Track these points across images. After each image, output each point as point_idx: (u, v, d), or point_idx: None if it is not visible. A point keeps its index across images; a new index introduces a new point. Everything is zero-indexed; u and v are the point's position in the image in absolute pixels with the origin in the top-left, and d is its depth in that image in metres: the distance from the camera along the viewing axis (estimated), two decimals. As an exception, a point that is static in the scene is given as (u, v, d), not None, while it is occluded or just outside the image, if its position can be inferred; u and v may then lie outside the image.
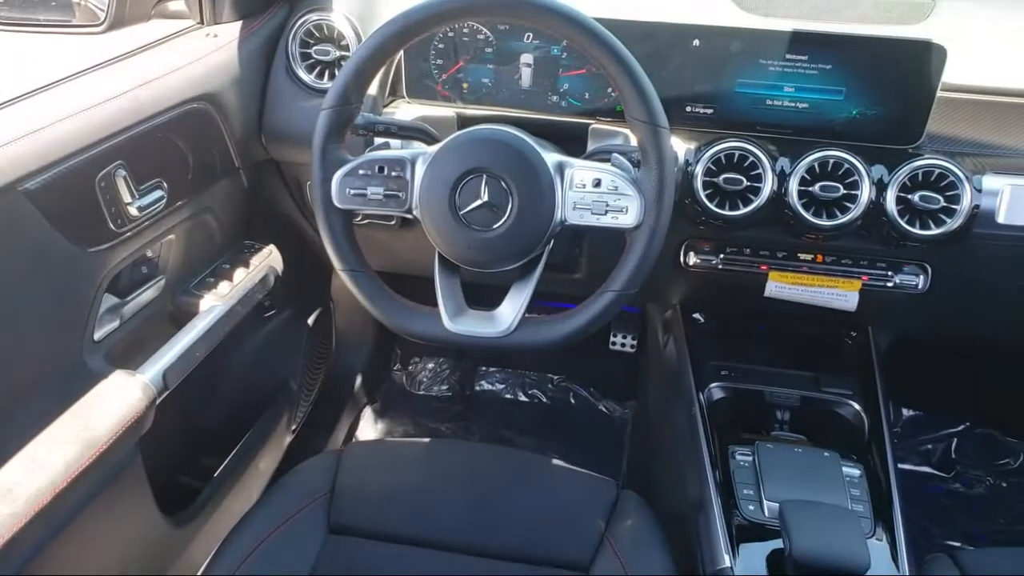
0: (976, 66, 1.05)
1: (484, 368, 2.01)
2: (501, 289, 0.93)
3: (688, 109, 1.05)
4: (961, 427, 1.77)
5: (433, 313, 0.91)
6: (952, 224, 0.97)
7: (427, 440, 1.19)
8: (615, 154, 0.91)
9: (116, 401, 0.92)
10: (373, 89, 1.10)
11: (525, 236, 0.87)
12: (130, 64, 1.02)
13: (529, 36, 1.08)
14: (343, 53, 1.14)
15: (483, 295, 0.98)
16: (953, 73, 0.99)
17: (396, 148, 0.97)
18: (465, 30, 1.09)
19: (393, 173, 0.89)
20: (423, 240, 0.91)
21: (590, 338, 0.93)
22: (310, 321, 1.60)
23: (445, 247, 0.89)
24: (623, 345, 1.76)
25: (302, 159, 1.18)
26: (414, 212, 0.89)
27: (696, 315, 1.31)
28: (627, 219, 0.85)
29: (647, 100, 0.84)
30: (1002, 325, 1.30)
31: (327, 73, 1.16)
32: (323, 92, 1.02)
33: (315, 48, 1.14)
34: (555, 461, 1.14)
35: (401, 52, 1.10)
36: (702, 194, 1.01)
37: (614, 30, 0.84)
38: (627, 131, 1.02)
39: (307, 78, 1.15)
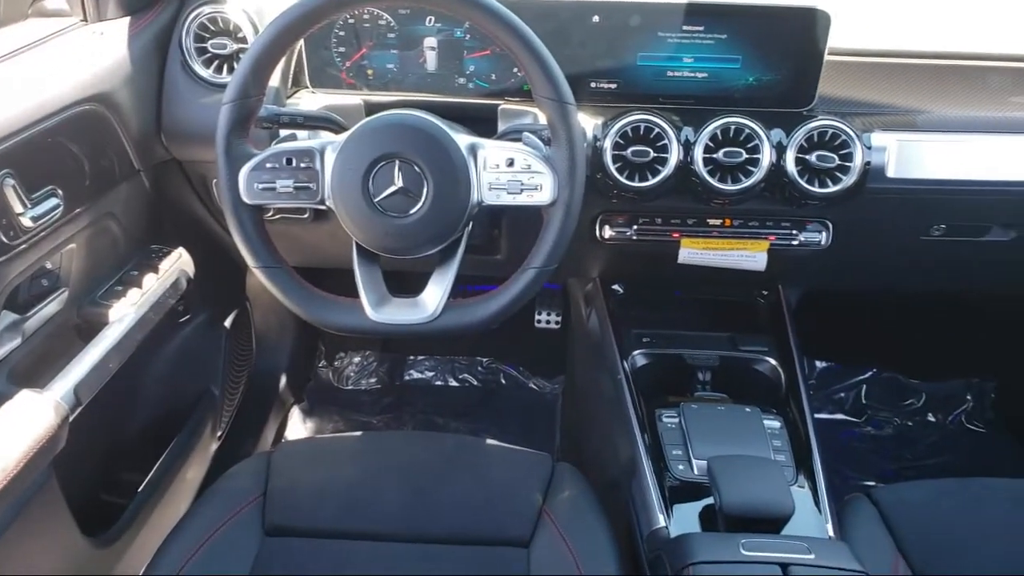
0: (861, 30, 1.10)
1: (412, 357, 2.00)
2: (423, 275, 0.93)
3: (593, 85, 1.07)
4: (869, 374, 1.88)
5: (355, 304, 0.90)
6: (847, 181, 1.02)
7: (359, 434, 1.18)
8: (525, 133, 0.92)
9: (24, 423, 0.88)
10: (275, 80, 1.08)
11: (443, 220, 0.87)
12: (10, 66, 0.96)
13: (431, 20, 1.07)
14: (241, 46, 1.11)
15: (405, 282, 0.98)
16: (840, 37, 1.04)
17: (303, 139, 0.95)
18: (366, 16, 1.07)
19: (302, 164, 0.87)
20: (339, 231, 0.90)
21: (516, 318, 0.94)
22: (228, 323, 1.55)
23: (362, 236, 0.88)
24: (548, 322, 1.78)
25: (206, 157, 1.14)
26: (327, 203, 0.88)
27: (616, 286, 1.33)
28: (542, 196, 0.86)
29: (553, 78, 0.85)
30: (898, 273, 1.39)
31: (225, 67, 1.12)
32: (223, 87, 0.99)
33: (211, 42, 1.11)
34: (489, 441, 1.15)
35: (302, 41, 1.08)
36: (612, 168, 1.03)
37: (515, 9, 0.84)
38: (536, 110, 1.03)
39: (205, 73, 1.12)
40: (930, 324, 1.79)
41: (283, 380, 1.80)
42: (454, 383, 1.97)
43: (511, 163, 0.86)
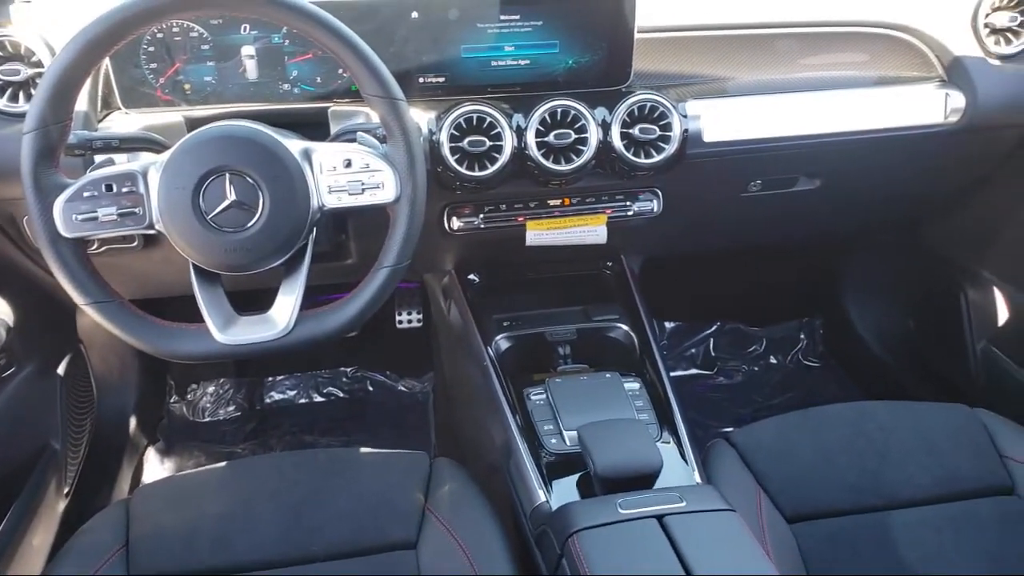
0: (664, 7, 1.17)
1: (271, 378, 1.93)
2: (271, 291, 0.90)
3: (421, 80, 1.07)
4: (714, 327, 2.02)
5: (200, 329, 0.86)
6: (669, 149, 1.08)
7: (222, 465, 1.12)
8: (359, 133, 0.91)
9: None
10: (83, 104, 1.00)
11: (284, 229, 0.84)
12: None
13: (246, 27, 1.03)
14: (37, 70, 1.02)
15: (253, 300, 0.94)
16: (647, 16, 1.10)
17: (123, 163, 0.89)
18: (175, 29, 1.02)
19: (124, 189, 0.82)
20: (173, 254, 0.85)
21: (375, 321, 0.93)
22: (61, 370, 1.43)
23: (199, 256, 0.84)
24: (409, 321, 1.77)
25: (11, 193, 1.04)
26: (156, 226, 0.83)
27: (472, 276, 1.35)
28: (385, 194, 0.86)
29: (379, 75, 0.84)
30: (726, 231, 1.50)
31: (22, 94, 1.03)
32: (21, 116, 0.92)
33: (1, 68, 1.01)
34: (363, 450, 1.14)
35: (107, 60, 1.01)
36: (451, 160, 1.04)
37: (332, 11, 0.83)
38: (367, 109, 1.02)
39: None
40: (761, 275, 1.94)
41: (132, 422, 1.68)
42: (320, 398, 1.92)
43: (348, 164, 0.85)
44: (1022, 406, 1.37)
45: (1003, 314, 1.48)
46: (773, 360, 2.01)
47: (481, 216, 1.19)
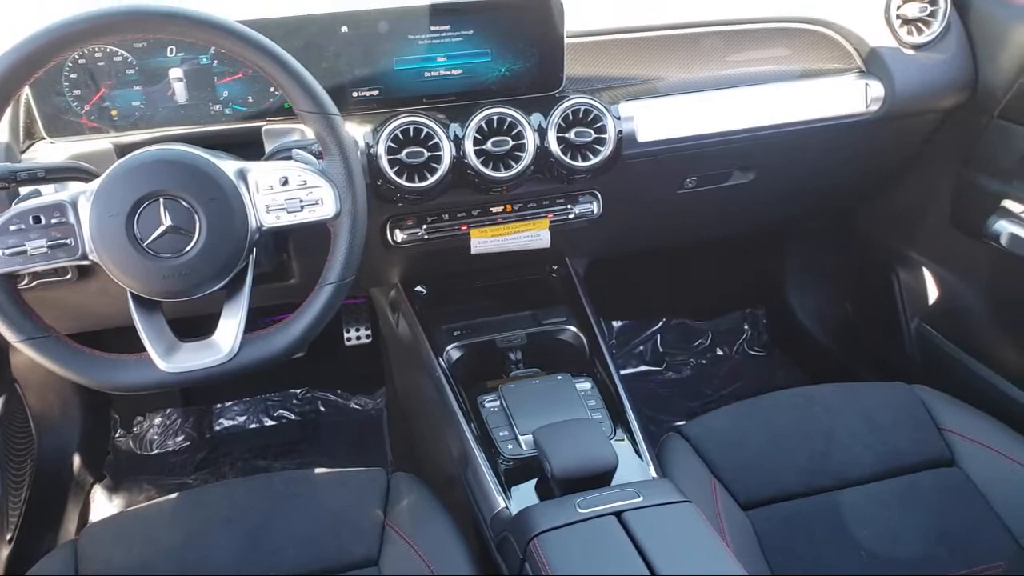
0: (591, 12, 1.19)
1: (219, 405, 1.89)
2: (214, 316, 0.88)
3: (355, 94, 1.07)
4: (660, 324, 2.05)
5: (142, 359, 0.84)
6: (605, 151, 1.10)
7: (174, 496, 1.10)
8: (295, 150, 0.90)
9: None
10: (3, 136, 0.97)
11: (222, 252, 0.83)
12: None
13: (172, 50, 1.01)
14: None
15: (195, 326, 0.92)
16: (576, 21, 1.11)
17: (50, 194, 0.86)
18: (98, 54, 0.99)
19: (53, 220, 0.80)
20: (110, 285, 0.83)
21: (324, 340, 0.92)
22: (-4, 413, 1.38)
23: (136, 284, 0.82)
24: (358, 338, 1.76)
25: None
26: (90, 257, 0.81)
27: (419, 288, 1.35)
28: (325, 210, 0.85)
29: (311, 91, 0.84)
30: (665, 228, 1.53)
31: None
32: None
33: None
34: (318, 470, 1.12)
35: (27, 89, 0.98)
36: (390, 172, 1.03)
37: (260, 29, 0.83)
38: (302, 126, 1.01)
39: None
40: (703, 269, 1.98)
41: (76, 461, 1.62)
42: (271, 422, 1.89)
43: (285, 182, 0.84)
44: (956, 380, 1.43)
45: (933, 293, 1.54)
46: (719, 352, 2.05)
47: (424, 227, 1.19)
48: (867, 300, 1.75)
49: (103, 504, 1.66)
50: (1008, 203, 1.29)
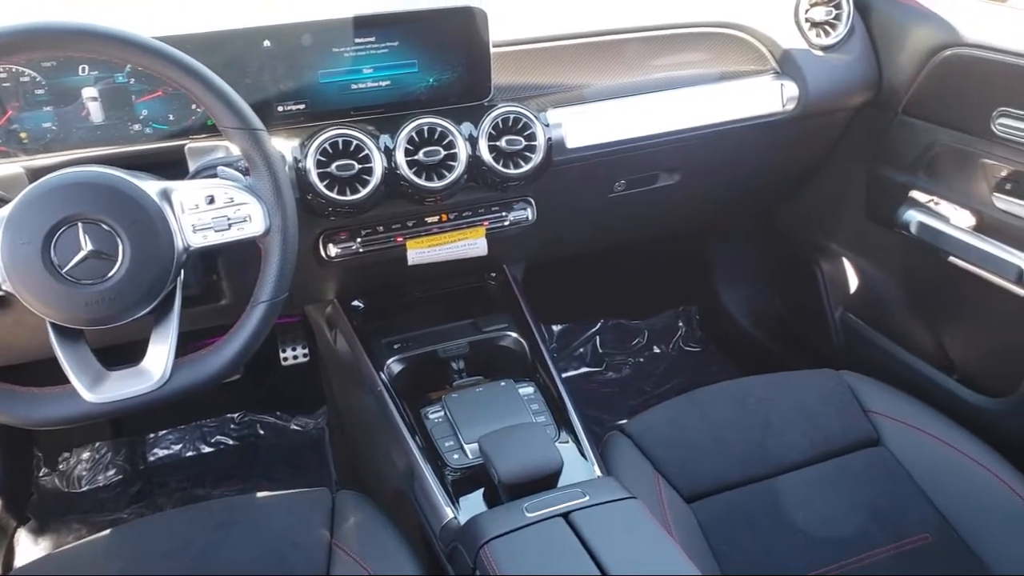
0: (517, 21, 1.21)
1: (152, 435, 1.82)
2: (143, 342, 0.86)
3: (280, 109, 1.05)
4: (599, 325, 2.08)
5: (67, 391, 0.81)
6: (536, 159, 1.11)
7: (107, 532, 1.05)
8: (220, 167, 0.88)
9: None
10: (-98, 163, 0.92)
11: (148, 275, 0.81)
12: None
13: (85, 68, 0.98)
14: None
15: (123, 354, 0.89)
16: (504, 30, 1.13)
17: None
18: (2, 74, 0.95)
19: None
20: (27, 315, 0.79)
21: (260, 361, 0.91)
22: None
23: (56, 314, 0.79)
24: (295, 357, 1.73)
25: None
26: (3, 287, 0.78)
27: (356, 303, 1.33)
28: (254, 227, 0.84)
29: (235, 107, 0.83)
30: (597, 232, 1.55)
31: None
32: None
33: None
34: (260, 494, 1.10)
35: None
36: (320, 186, 1.02)
37: (177, 45, 0.81)
38: (226, 143, 0.99)
39: None
40: (637, 270, 2.02)
41: None
42: (208, 449, 1.83)
43: (211, 200, 0.83)
44: (878, 364, 1.50)
45: (854, 283, 1.61)
46: (656, 350, 2.10)
47: (359, 240, 1.17)
48: (793, 292, 1.81)
49: (28, 548, 1.58)
50: (915, 194, 1.36)
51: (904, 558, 1.03)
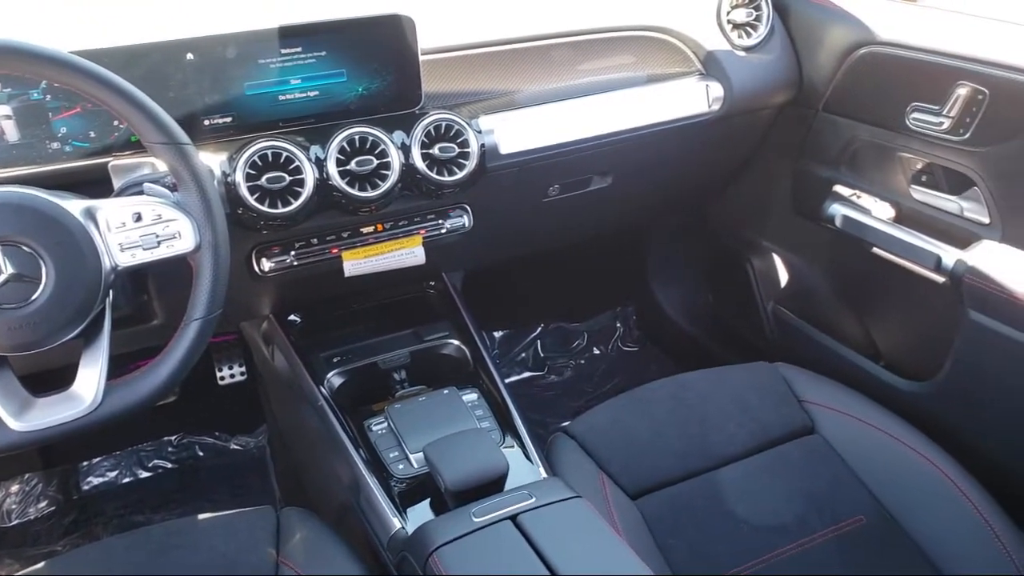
0: (445, 28, 1.21)
1: (86, 463, 1.76)
2: (72, 367, 0.83)
3: (207, 122, 1.03)
4: (539, 330, 2.09)
5: None
6: (470, 165, 1.11)
7: (40, 566, 1.01)
8: (147, 184, 0.86)
9: None
10: None
11: (74, 298, 0.78)
12: None
13: (-4, 85, 0.94)
14: None
15: (52, 380, 0.86)
16: (430, 38, 1.13)
17: None
18: (-93, 93, 0.91)
19: None
20: (-55, 344, 0.76)
21: (196, 381, 0.89)
22: None
23: None
24: (232, 376, 1.69)
25: None
26: (-80, 315, 0.74)
27: (292, 317, 1.31)
28: (184, 244, 0.82)
29: (159, 122, 0.81)
30: (534, 236, 1.56)
31: None
32: None
33: None
34: (202, 517, 1.07)
35: None
36: (250, 199, 1.00)
37: (95, 59, 0.79)
38: (152, 159, 0.97)
39: None
40: (574, 273, 2.04)
41: None
42: (146, 473, 1.78)
43: (138, 217, 0.81)
44: (810, 354, 1.55)
45: (784, 277, 1.66)
46: (596, 351, 2.12)
47: (293, 253, 1.16)
48: (726, 288, 1.86)
49: (-45, 588, 1.51)
50: (839, 188, 1.42)
51: (841, 540, 1.07)
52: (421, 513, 1.04)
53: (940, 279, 1.23)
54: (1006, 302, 1.11)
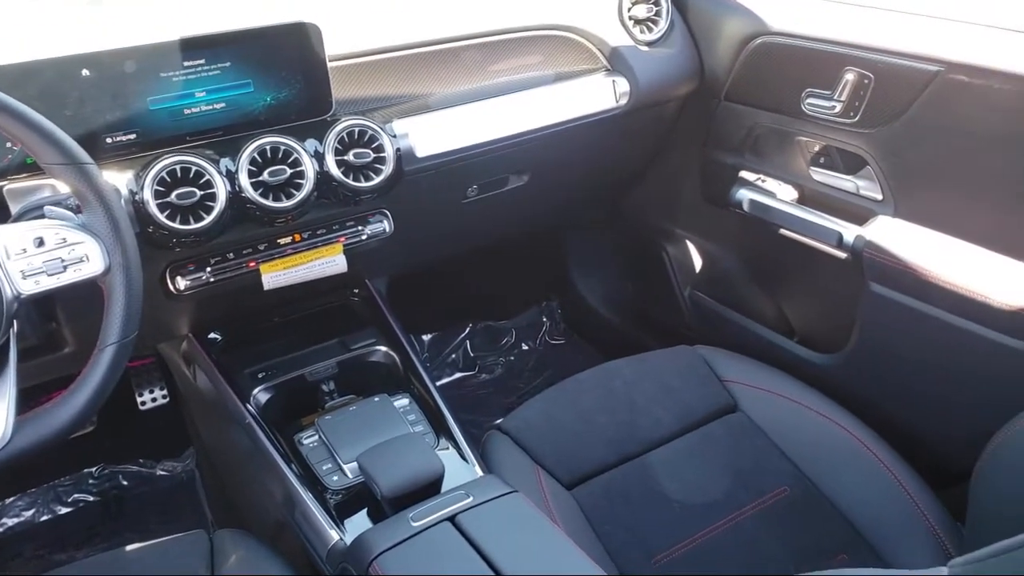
0: (353, 34, 1.20)
1: (-1, 502, 1.67)
2: None
3: (109, 140, 1.00)
4: (467, 330, 2.10)
5: None
6: (387, 170, 1.11)
7: None
8: (47, 207, 0.83)
9: None
10: None
11: None
12: None
13: None
14: None
15: None
16: (342, 43, 1.13)
17: None
18: None
19: None
20: None
21: (114, 409, 0.86)
22: None
23: None
24: (153, 400, 1.63)
25: None
26: None
27: (212, 335, 1.28)
28: (92, 267, 0.79)
29: (56, 142, 0.78)
30: (454, 238, 1.57)
31: None
32: None
33: None
34: (130, 547, 1.04)
35: None
36: (161, 216, 0.97)
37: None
38: (52, 181, 0.93)
39: None
40: (498, 272, 2.06)
41: None
42: (66, 509, 1.70)
43: (41, 242, 0.77)
44: (728, 335, 1.61)
45: (698, 262, 1.72)
46: (524, 347, 2.14)
47: (208, 269, 1.13)
48: (644, 277, 1.91)
49: None
50: (744, 174, 1.48)
51: (767, 512, 1.12)
52: (359, 523, 1.03)
53: (843, 255, 1.29)
54: (902, 273, 1.18)
